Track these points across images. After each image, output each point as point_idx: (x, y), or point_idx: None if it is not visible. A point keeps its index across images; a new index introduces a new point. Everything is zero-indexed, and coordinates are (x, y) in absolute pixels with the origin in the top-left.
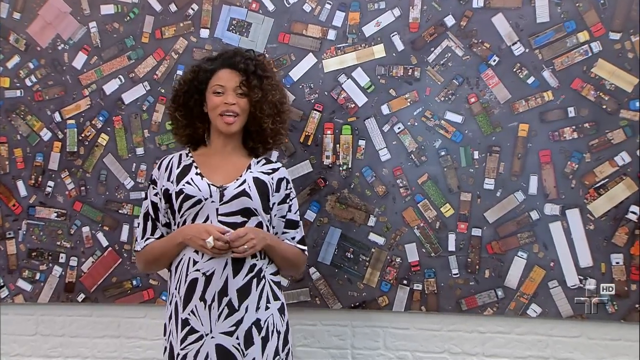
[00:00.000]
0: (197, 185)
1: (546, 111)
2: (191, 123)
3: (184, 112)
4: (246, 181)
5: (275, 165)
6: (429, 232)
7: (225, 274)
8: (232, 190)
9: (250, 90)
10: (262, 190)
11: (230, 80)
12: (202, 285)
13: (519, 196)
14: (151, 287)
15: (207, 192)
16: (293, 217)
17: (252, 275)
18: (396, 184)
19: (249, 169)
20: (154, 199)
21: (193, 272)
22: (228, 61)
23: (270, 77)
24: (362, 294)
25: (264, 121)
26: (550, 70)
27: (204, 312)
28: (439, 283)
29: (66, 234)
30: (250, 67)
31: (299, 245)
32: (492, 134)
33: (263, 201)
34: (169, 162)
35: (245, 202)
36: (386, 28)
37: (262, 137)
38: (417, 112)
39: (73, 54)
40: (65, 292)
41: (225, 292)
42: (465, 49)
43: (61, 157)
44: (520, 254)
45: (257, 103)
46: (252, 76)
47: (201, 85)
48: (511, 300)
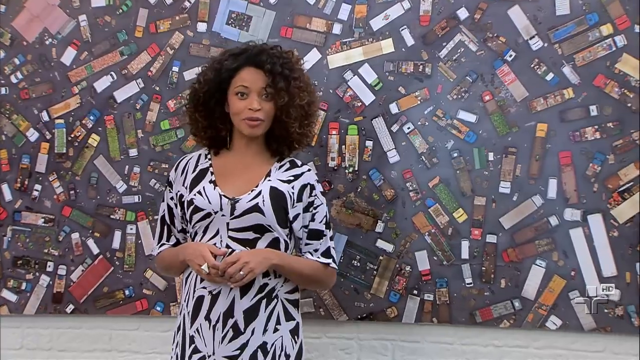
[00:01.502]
0: (208, 196)
1: (566, 110)
2: (213, 124)
3: (205, 112)
4: (261, 193)
5: (300, 170)
6: (441, 239)
7: (232, 294)
8: (244, 204)
9: (276, 93)
10: (279, 202)
11: (255, 82)
12: (208, 304)
13: (537, 200)
14: (145, 297)
15: (218, 205)
16: (317, 227)
17: (261, 296)
18: (406, 187)
19: (267, 176)
20: (169, 203)
21: (200, 288)
22: (253, 59)
23: (298, 78)
24: (370, 305)
25: (290, 125)
26: (571, 66)
27: (208, 333)
28: (451, 293)
29: (54, 240)
30: (277, 67)
31: (321, 259)
32: (508, 134)
33: (279, 215)
34: (186, 164)
35: (257, 218)
36: (395, 21)
37: (288, 140)
38: (428, 111)
39: (62, 49)
40: (53, 303)
41: (231, 314)
42: (480, 44)
43: (49, 159)
44: (538, 262)
45: (283, 107)
46: (279, 77)
47: (223, 84)
48: (529, 312)
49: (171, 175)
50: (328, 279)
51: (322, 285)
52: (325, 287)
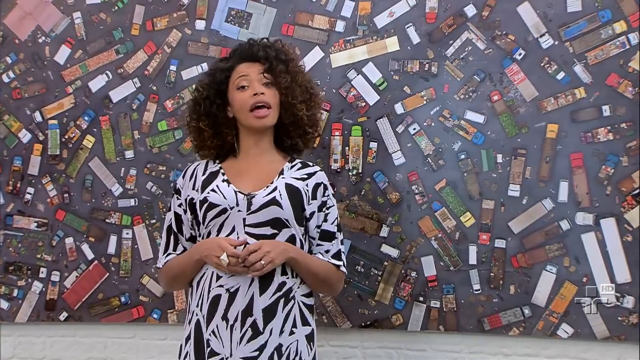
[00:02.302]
0: (223, 192)
1: (578, 110)
2: (218, 132)
3: (209, 120)
4: (277, 188)
5: (312, 169)
6: (448, 244)
7: (251, 292)
8: (260, 199)
9: (276, 77)
10: (296, 198)
11: (253, 72)
12: (225, 303)
13: (547, 204)
14: (141, 304)
15: (233, 200)
16: (329, 228)
17: (279, 295)
18: (411, 190)
19: (281, 174)
20: (177, 210)
21: (216, 287)
22: (245, 54)
23: (294, 60)
24: (374, 312)
25: (298, 109)
26: (583, 64)
27: (225, 333)
28: (458, 300)
29: (47, 245)
30: (271, 53)
31: (332, 260)
32: (517, 136)
33: (296, 211)
34: (194, 170)
35: (275, 211)
36: (400, 19)
37: (300, 128)
38: (434, 112)
39: (55, 47)
40: (46, 311)
41: (250, 312)
42: (488, 42)
43: (42, 161)
44: (549, 268)
45: (287, 89)
46: (276, 62)
47: (221, 86)
48: (539, 320)
49: (179, 183)
50: (338, 283)
51: (332, 288)
52: (334, 290)
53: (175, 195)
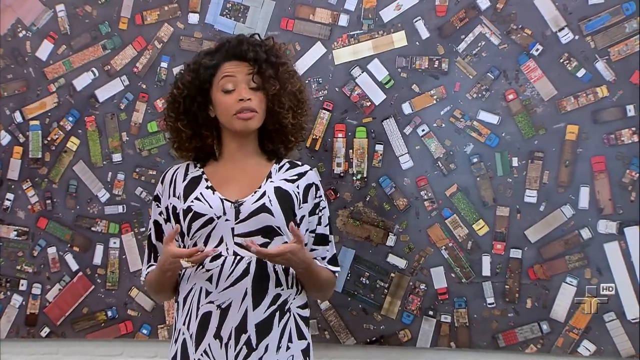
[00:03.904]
0: (208, 200)
1: (600, 110)
2: (197, 133)
3: (187, 120)
4: (266, 193)
5: (302, 169)
6: (459, 254)
7: (245, 306)
8: (249, 206)
9: (265, 82)
10: (286, 203)
11: (239, 73)
12: (217, 320)
13: (566, 211)
14: (129, 319)
15: (220, 209)
16: (324, 231)
17: (274, 308)
18: (420, 196)
19: (269, 177)
20: (157, 219)
21: (205, 304)
22: (233, 51)
23: (285, 64)
24: (380, 327)
25: (284, 116)
26: (605, 60)
27: (220, 352)
28: (471, 314)
29: (28, 256)
30: (261, 54)
31: (329, 267)
32: (534, 137)
33: (287, 217)
34: (173, 175)
35: (265, 219)
36: (408, 12)
37: (283, 135)
38: (445, 112)
39: (37, 42)
40: (27, 326)
41: (244, 328)
42: (503, 37)
43: (22, 164)
44: (569, 280)
45: (274, 96)
46: (265, 65)
47: (204, 84)
48: (559, 336)
49: (158, 189)
50: (332, 289)
51: (327, 294)
52: (328, 296)
53: (154, 202)
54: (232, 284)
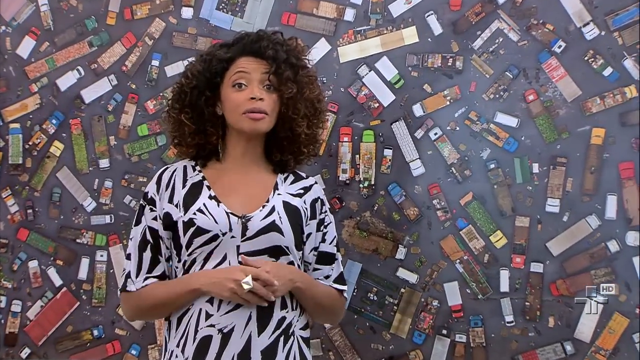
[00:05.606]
0: (213, 215)
1: (628, 112)
2: (201, 129)
3: (192, 114)
4: (275, 209)
5: (307, 182)
6: (475, 268)
7: (248, 332)
8: (258, 222)
9: (281, 83)
10: (295, 220)
11: (255, 71)
12: (218, 346)
13: (592, 222)
14: (117, 338)
15: (226, 225)
16: (328, 250)
17: (279, 332)
18: (432, 205)
19: (276, 189)
20: (153, 225)
21: (205, 327)
22: (251, 47)
23: (306, 67)
24: (389, 347)
25: (297, 124)
26: (634, 58)
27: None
28: (488, 334)
29: (7, 270)
30: (281, 53)
31: (335, 285)
32: (556, 142)
33: (296, 235)
34: (171, 177)
35: (274, 238)
36: (419, 5)
37: (295, 145)
38: (459, 114)
39: (17, 39)
40: (6, 346)
41: (248, 355)
42: (522, 32)
43: (1, 171)
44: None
45: (290, 100)
46: (284, 65)
47: (215, 78)
48: (584, 357)
49: (150, 190)
50: (341, 311)
51: (335, 317)
52: (336, 320)
53: (148, 206)
54: (236, 307)
